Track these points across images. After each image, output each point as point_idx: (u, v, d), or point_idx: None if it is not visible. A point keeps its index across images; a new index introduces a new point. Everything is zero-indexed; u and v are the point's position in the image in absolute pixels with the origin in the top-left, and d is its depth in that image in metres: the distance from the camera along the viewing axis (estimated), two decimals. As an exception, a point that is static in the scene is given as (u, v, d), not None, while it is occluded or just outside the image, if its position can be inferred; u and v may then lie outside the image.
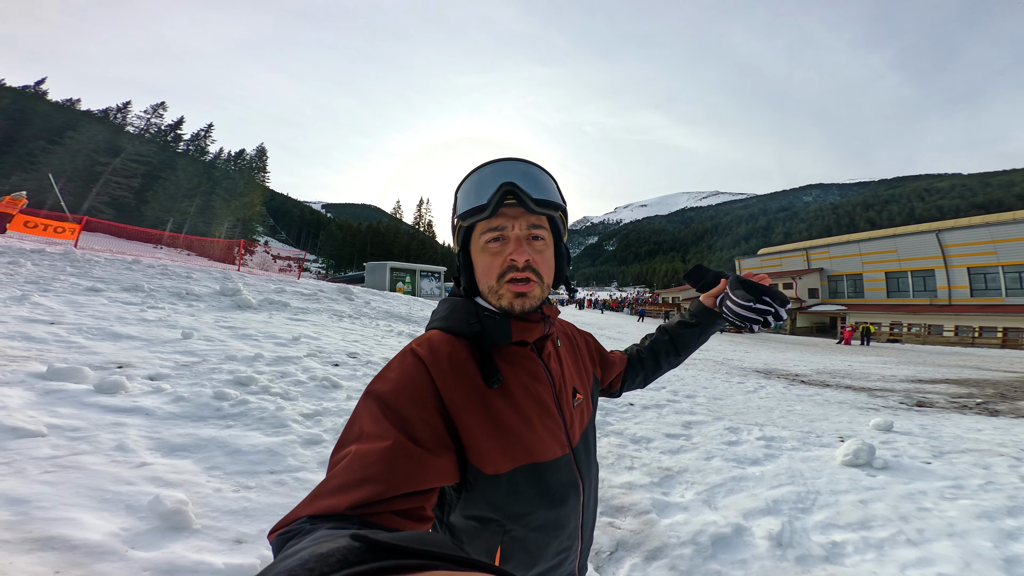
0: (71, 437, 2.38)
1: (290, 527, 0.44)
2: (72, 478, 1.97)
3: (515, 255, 0.69)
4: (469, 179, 0.74)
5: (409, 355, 0.67)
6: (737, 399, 6.62)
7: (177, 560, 1.57)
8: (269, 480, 2.29)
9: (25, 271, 7.34)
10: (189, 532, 1.76)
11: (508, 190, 0.69)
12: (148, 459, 2.28)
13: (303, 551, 0.28)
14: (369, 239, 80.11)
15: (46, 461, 2.08)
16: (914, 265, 34.59)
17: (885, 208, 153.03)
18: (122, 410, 2.83)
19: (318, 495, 0.48)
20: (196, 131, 50.60)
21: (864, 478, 3.32)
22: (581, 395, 0.82)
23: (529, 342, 0.74)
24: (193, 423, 2.83)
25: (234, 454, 2.49)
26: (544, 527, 0.69)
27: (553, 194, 0.74)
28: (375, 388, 0.63)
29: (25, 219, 12.94)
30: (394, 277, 24.67)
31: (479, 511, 0.65)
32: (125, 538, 1.65)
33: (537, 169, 0.75)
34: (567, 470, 0.72)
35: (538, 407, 0.71)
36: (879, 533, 2.46)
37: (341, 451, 0.55)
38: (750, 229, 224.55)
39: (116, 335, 4.66)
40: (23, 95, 45.69)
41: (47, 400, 2.81)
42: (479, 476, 0.63)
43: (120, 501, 1.87)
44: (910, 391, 8.67)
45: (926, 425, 5.35)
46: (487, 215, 0.69)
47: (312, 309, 9.07)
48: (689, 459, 3.62)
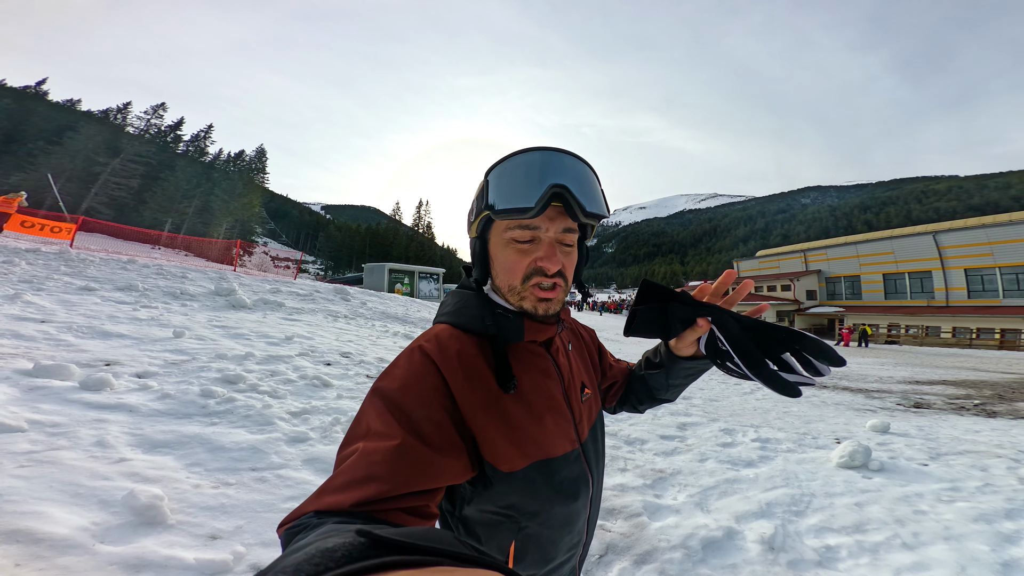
0: (50, 433, 2.33)
1: (297, 521, 0.44)
2: (47, 473, 1.93)
3: (547, 262, 0.65)
4: (510, 164, 0.67)
5: (417, 352, 0.65)
6: (733, 400, 6.57)
7: (146, 555, 1.53)
8: (250, 477, 2.25)
9: (19, 270, 7.29)
10: (163, 527, 1.73)
11: (559, 193, 0.62)
12: (128, 455, 2.24)
13: (309, 546, 0.28)
14: (368, 241, 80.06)
15: (22, 456, 2.04)
16: (911, 267, 34.65)
17: (883, 210, 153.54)
18: (105, 407, 2.78)
19: (324, 491, 0.48)
20: (196, 132, 50.54)
21: (860, 480, 3.28)
22: (590, 390, 0.81)
23: (538, 341, 0.72)
24: (177, 420, 2.78)
25: (216, 451, 2.45)
26: (558, 523, 0.68)
27: (602, 204, 0.68)
28: (382, 385, 0.61)
29: (22, 219, 12.89)
30: (392, 278, 24.62)
31: (495, 506, 0.64)
32: (95, 532, 1.61)
33: (589, 171, 0.68)
34: (577, 464, 0.71)
35: (548, 403, 0.70)
36: (874, 537, 2.41)
37: (348, 448, 0.55)
38: (748, 231, 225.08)
39: (106, 334, 4.61)
40: (24, 95, 45.69)
41: (30, 396, 2.77)
42: (495, 473, 0.62)
43: (94, 496, 1.83)
44: (907, 392, 8.64)
45: (923, 427, 5.31)
46: (532, 216, 0.62)
47: (307, 309, 9.02)
48: (683, 461, 3.57)
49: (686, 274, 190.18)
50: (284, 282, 12.77)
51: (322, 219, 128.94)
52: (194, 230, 41.31)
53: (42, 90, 49.96)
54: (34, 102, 44.60)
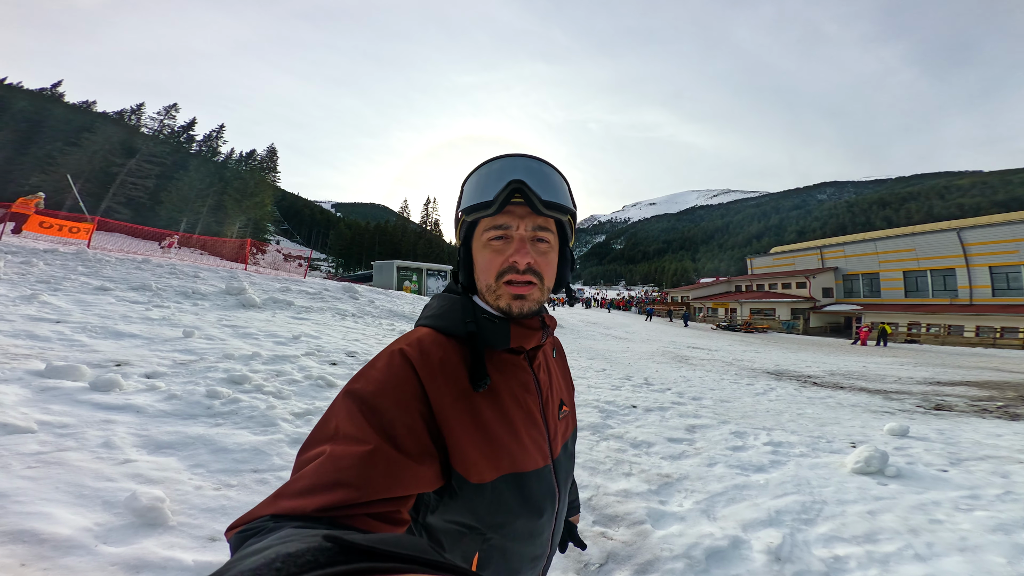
0: (59, 434, 2.37)
1: (250, 525, 0.42)
2: (54, 474, 1.96)
3: (517, 256, 0.67)
4: (477, 172, 0.73)
5: (397, 356, 0.63)
6: (745, 402, 6.45)
7: (146, 556, 1.55)
8: (251, 479, 2.26)
9: (37, 271, 7.48)
10: (164, 529, 1.74)
11: (516, 188, 0.66)
12: (132, 456, 2.27)
13: (268, 550, 0.27)
14: (377, 238, 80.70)
15: (31, 457, 2.08)
16: (934, 264, 33.81)
17: (903, 206, 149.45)
18: (113, 407, 2.83)
19: (282, 495, 0.45)
20: (208, 132, 51.27)
21: (874, 487, 3.18)
22: (567, 408, 0.82)
23: (526, 348, 0.73)
24: (182, 421, 2.82)
25: (219, 452, 2.47)
26: (522, 536, 0.68)
27: (563, 197, 0.71)
28: (356, 387, 0.59)
29: (40, 219, 13.24)
30: (401, 276, 24.77)
31: (460, 517, 0.63)
32: (97, 533, 1.63)
33: (549, 168, 0.72)
34: (547, 481, 0.71)
35: (525, 417, 0.70)
36: (885, 547, 2.33)
37: (311, 450, 0.52)
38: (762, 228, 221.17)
39: (119, 334, 4.71)
40: (40, 97, 46.85)
41: (42, 397, 2.82)
42: (464, 484, 0.61)
43: (98, 497, 1.85)
44: (928, 394, 8.39)
45: (943, 430, 5.14)
46: (492, 212, 0.67)
47: (316, 308, 9.11)
48: (691, 465, 3.51)
49: (697, 271, 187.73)
50: (294, 280, 12.92)
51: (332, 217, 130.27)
52: (208, 229, 42.05)
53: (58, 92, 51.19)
54: (51, 104, 45.70)
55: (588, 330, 17.07)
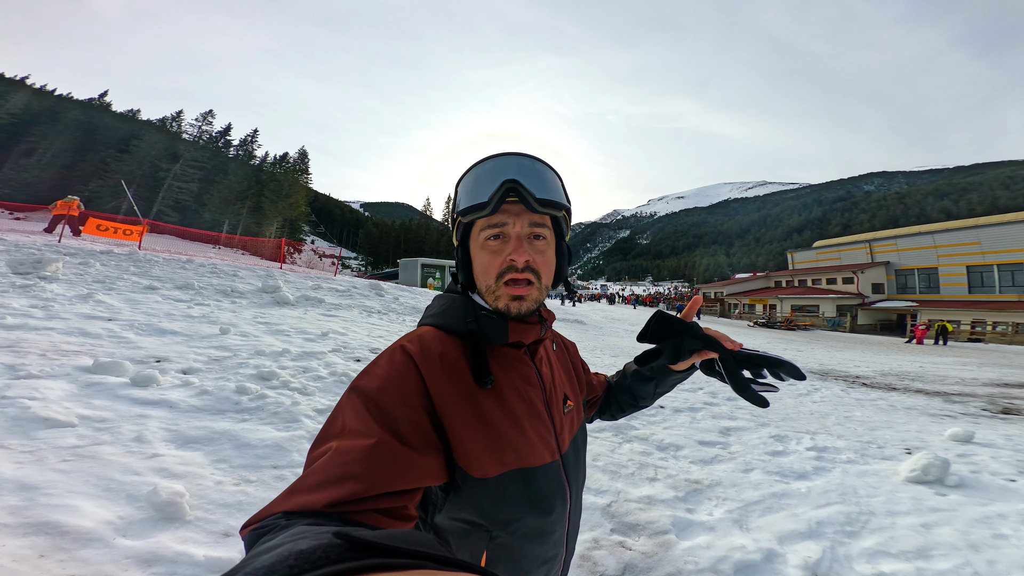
0: (97, 428, 2.49)
1: (264, 522, 0.43)
2: (85, 467, 2.05)
3: (515, 255, 0.68)
4: (471, 173, 0.74)
5: (399, 352, 0.65)
6: (787, 403, 6.07)
7: (160, 550, 1.58)
8: (270, 475, 2.29)
9: (94, 271, 8.04)
10: (181, 523, 1.77)
11: (511, 187, 0.67)
12: (161, 450, 2.35)
13: (281, 547, 0.27)
14: (402, 236, 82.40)
15: (67, 450, 2.18)
16: (1001, 258, 31.10)
17: (963, 197, 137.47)
18: (149, 403, 2.95)
19: (295, 491, 0.46)
20: (244, 136, 53.51)
21: (931, 497, 2.89)
22: (572, 402, 0.81)
23: (524, 343, 0.73)
24: (211, 416, 2.91)
25: (242, 448, 2.52)
26: (531, 535, 0.67)
27: (557, 193, 0.72)
28: (360, 384, 0.61)
29: (97, 222, 14.32)
30: (425, 273, 25.21)
31: (465, 514, 0.63)
32: (118, 526, 1.68)
33: (542, 166, 0.73)
34: (556, 477, 0.71)
35: (529, 411, 0.70)
36: (939, 564, 2.09)
37: (321, 447, 0.54)
38: (803, 221, 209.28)
39: (162, 331, 4.96)
40: (90, 107, 50.38)
41: (86, 392, 2.98)
42: (466, 478, 0.62)
43: (123, 491, 1.91)
44: (994, 396, 7.63)
45: (1012, 436, 4.64)
46: (488, 213, 0.68)
47: (344, 305, 9.34)
48: (723, 471, 3.30)
49: (732, 265, 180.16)
50: (325, 278, 13.33)
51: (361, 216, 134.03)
52: (248, 230, 44.18)
53: (105, 101, 54.93)
54: (100, 113, 49.02)
55: (612, 326, 16.69)
